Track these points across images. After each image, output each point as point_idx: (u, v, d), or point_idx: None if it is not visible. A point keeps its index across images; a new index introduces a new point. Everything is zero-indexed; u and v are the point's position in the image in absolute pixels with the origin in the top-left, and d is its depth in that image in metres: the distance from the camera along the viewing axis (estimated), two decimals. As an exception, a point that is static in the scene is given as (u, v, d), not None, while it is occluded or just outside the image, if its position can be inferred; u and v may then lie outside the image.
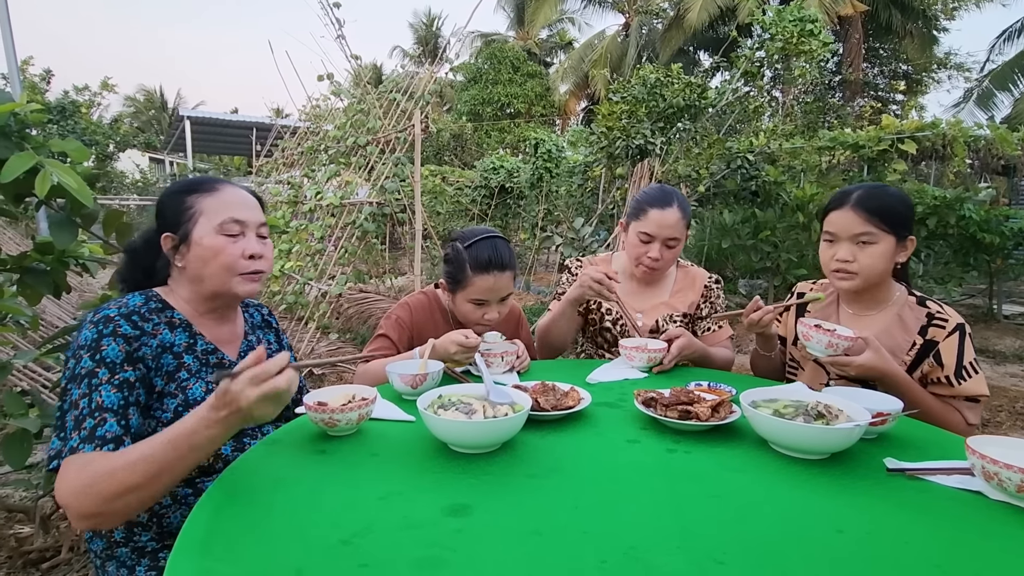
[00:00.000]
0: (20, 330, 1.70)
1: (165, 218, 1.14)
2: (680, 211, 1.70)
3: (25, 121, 1.37)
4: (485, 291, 1.54)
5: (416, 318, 1.66)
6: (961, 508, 0.85)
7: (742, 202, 5.96)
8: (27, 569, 1.81)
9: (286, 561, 0.69)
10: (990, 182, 8.56)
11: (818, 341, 1.30)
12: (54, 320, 4.13)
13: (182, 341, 1.12)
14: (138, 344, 1.05)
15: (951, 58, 18.59)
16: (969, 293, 7.18)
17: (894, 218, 1.39)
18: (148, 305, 1.10)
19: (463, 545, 0.73)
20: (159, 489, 0.91)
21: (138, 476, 0.88)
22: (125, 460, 0.90)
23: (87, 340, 1.01)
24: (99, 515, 0.90)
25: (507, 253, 1.55)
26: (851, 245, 1.41)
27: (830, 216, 1.46)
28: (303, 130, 6.90)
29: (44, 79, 12.13)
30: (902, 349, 1.42)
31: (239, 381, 0.85)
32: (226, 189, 1.16)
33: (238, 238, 1.13)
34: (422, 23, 27.21)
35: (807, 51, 5.32)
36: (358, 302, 5.46)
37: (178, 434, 0.89)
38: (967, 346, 1.37)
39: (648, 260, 1.72)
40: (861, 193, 1.42)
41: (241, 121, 15.28)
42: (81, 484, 0.89)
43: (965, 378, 1.36)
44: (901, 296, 1.48)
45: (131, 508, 0.91)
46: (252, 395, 0.85)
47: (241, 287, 1.14)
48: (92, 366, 0.99)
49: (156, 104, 30.59)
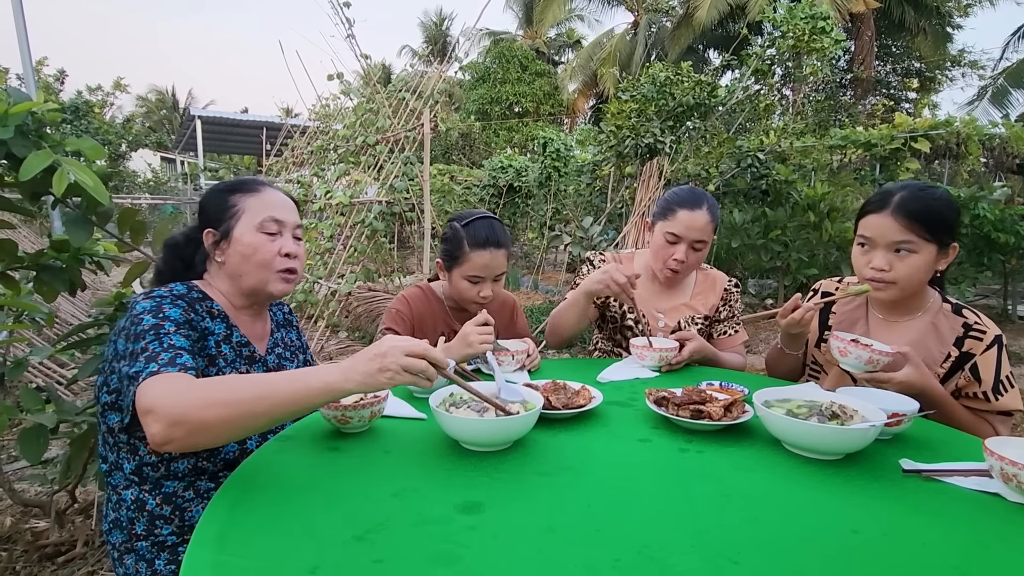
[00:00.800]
0: (36, 327, 1.72)
1: (208, 214, 1.19)
2: (709, 213, 1.69)
3: (42, 120, 1.39)
4: (481, 267, 1.57)
5: (415, 309, 1.69)
6: (978, 510, 0.84)
7: (752, 201, 5.93)
8: (43, 563, 1.83)
9: (302, 556, 0.69)
10: (1005, 181, 8.44)
11: (857, 357, 1.22)
12: (68, 317, 4.18)
13: (220, 331, 1.15)
14: (193, 316, 1.09)
15: (965, 55, 18.35)
16: (983, 293, 7.10)
17: (938, 225, 1.28)
18: (191, 294, 1.13)
19: (476, 542, 0.73)
20: (257, 412, 0.87)
21: (243, 391, 0.87)
22: (233, 377, 0.90)
23: (145, 308, 1.03)
24: (186, 422, 0.84)
25: (502, 232, 1.61)
26: (888, 253, 1.31)
27: (867, 219, 1.35)
28: (312, 129, 6.93)
29: (58, 79, 12.29)
30: (936, 360, 1.34)
31: (400, 338, 0.92)
32: (267, 190, 1.22)
33: (276, 237, 1.18)
34: (432, 22, 27.25)
35: (818, 48, 5.28)
36: (367, 300, 5.48)
37: (299, 371, 0.91)
38: (1004, 359, 1.31)
39: (674, 262, 1.70)
40: (903, 196, 1.30)
41: (251, 120, 15.36)
42: (177, 388, 0.88)
43: (1002, 393, 1.30)
44: (935, 303, 1.39)
45: (220, 425, 0.86)
46: (401, 350, 0.89)
47: (275, 286, 1.18)
48: (156, 322, 1.01)
49: (168, 104, 30.85)
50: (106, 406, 1.10)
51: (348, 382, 0.89)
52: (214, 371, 1.12)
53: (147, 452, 1.10)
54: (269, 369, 1.23)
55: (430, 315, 1.70)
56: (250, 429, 0.89)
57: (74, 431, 1.63)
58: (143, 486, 1.11)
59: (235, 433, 0.90)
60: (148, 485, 1.11)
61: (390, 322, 1.66)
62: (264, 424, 0.89)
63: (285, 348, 1.32)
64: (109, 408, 1.10)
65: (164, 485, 1.11)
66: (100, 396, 1.12)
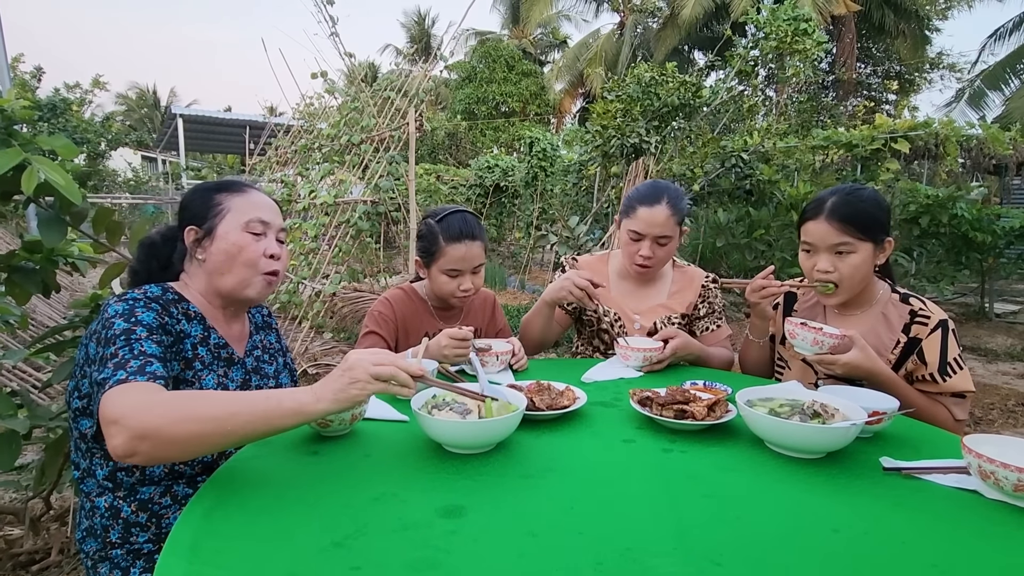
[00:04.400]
0: (9, 329, 1.68)
1: (191, 211, 1.16)
2: (670, 208, 1.67)
3: (12, 117, 1.35)
4: (458, 260, 1.57)
5: (399, 310, 1.67)
6: (957, 507, 0.85)
7: (736, 201, 5.98)
8: (16, 571, 1.79)
9: (278, 563, 0.68)
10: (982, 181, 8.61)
11: (804, 339, 1.31)
12: (44, 320, 4.09)
13: (197, 333, 1.12)
14: (168, 320, 1.06)
15: (943, 58, 18.71)
16: (961, 292, 7.23)
17: (869, 224, 1.38)
18: (166, 296, 1.10)
19: (457, 547, 0.72)
20: (228, 430, 0.85)
21: (216, 407, 0.85)
22: (207, 393, 0.89)
23: (117, 311, 1.00)
24: (154, 436, 0.81)
25: (476, 225, 1.61)
26: (830, 255, 1.41)
27: (806, 226, 1.45)
28: (297, 128, 6.86)
29: (35, 76, 12.01)
30: (887, 347, 1.43)
31: (367, 351, 0.94)
32: (254, 192, 1.21)
33: (261, 238, 1.16)
34: (413, 22, 27.12)
35: (801, 50, 5.34)
36: (352, 301, 5.44)
37: (274, 392, 0.91)
38: (951, 342, 1.37)
39: (640, 258, 1.71)
40: (834, 202, 1.40)
41: (234, 119, 15.15)
42: (146, 400, 0.85)
43: (950, 374, 1.37)
44: (885, 294, 1.48)
45: (188, 442, 0.84)
46: (368, 360, 0.90)
47: (255, 288, 1.16)
48: (127, 326, 0.98)
49: (148, 102, 30.39)
50: (77, 411, 1.08)
51: (320, 402, 0.88)
52: (191, 374, 1.09)
53: None
54: (247, 371, 1.21)
55: (414, 316, 1.68)
56: (219, 446, 0.87)
57: (49, 436, 1.59)
58: (117, 492, 1.08)
59: (203, 449, 0.88)
60: (123, 491, 1.08)
61: (373, 325, 1.64)
62: (234, 442, 0.88)
63: (264, 351, 1.29)
64: (80, 413, 1.07)
65: (139, 491, 1.08)
66: (71, 401, 1.09)
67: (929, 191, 5.65)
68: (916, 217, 5.58)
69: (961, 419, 1.38)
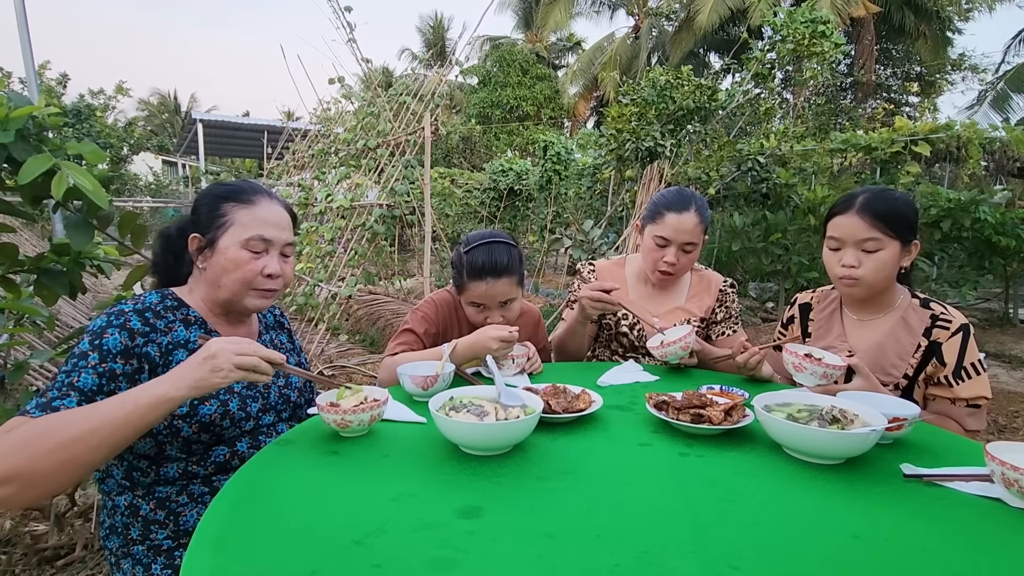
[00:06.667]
0: (36, 330, 1.72)
1: (198, 217, 1.18)
2: (698, 215, 1.68)
3: (43, 124, 1.39)
4: (480, 296, 1.55)
5: (442, 315, 1.67)
6: (980, 515, 0.83)
7: (752, 205, 5.93)
8: (42, 566, 1.83)
9: (300, 561, 0.69)
10: (1005, 184, 8.44)
11: (812, 372, 1.27)
12: (69, 320, 4.17)
13: (196, 338, 1.13)
14: (144, 340, 1.06)
15: (965, 60, 18.37)
16: (984, 297, 7.09)
17: (900, 223, 1.37)
18: (164, 303, 1.13)
19: (476, 547, 0.73)
20: (93, 445, 0.85)
21: (75, 427, 0.84)
22: (66, 413, 0.88)
23: (95, 327, 1.04)
24: (17, 478, 0.80)
25: (504, 259, 1.53)
26: (856, 251, 1.40)
27: (835, 220, 1.44)
28: (314, 133, 6.94)
29: (60, 83, 12.29)
30: (907, 352, 1.42)
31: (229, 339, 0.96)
32: (262, 204, 1.18)
33: (261, 255, 1.16)
34: (429, 26, 27.32)
35: (819, 53, 5.29)
36: (368, 304, 5.48)
37: (130, 391, 0.91)
38: (970, 347, 1.36)
39: (664, 265, 1.70)
40: (866, 197, 1.40)
41: (253, 124, 15.38)
42: (10, 441, 0.84)
43: (964, 379, 1.35)
44: (904, 299, 1.47)
45: (57, 472, 0.83)
46: (231, 350, 0.93)
47: (252, 301, 1.17)
48: (87, 349, 1.01)
49: (169, 107, 30.98)
50: None
51: (180, 389, 0.90)
52: None
53: (134, 457, 1.10)
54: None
55: (454, 324, 1.68)
56: (90, 464, 0.87)
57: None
58: (135, 491, 1.11)
59: (75, 474, 0.87)
60: (140, 490, 1.11)
61: (414, 323, 1.63)
62: (105, 455, 0.88)
63: (275, 350, 1.31)
64: None
65: (156, 490, 1.11)
66: None
67: (951, 195, 5.55)
68: (937, 221, 5.49)
69: (974, 429, 1.36)
